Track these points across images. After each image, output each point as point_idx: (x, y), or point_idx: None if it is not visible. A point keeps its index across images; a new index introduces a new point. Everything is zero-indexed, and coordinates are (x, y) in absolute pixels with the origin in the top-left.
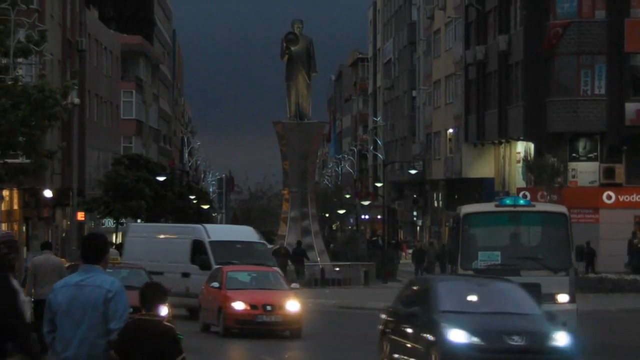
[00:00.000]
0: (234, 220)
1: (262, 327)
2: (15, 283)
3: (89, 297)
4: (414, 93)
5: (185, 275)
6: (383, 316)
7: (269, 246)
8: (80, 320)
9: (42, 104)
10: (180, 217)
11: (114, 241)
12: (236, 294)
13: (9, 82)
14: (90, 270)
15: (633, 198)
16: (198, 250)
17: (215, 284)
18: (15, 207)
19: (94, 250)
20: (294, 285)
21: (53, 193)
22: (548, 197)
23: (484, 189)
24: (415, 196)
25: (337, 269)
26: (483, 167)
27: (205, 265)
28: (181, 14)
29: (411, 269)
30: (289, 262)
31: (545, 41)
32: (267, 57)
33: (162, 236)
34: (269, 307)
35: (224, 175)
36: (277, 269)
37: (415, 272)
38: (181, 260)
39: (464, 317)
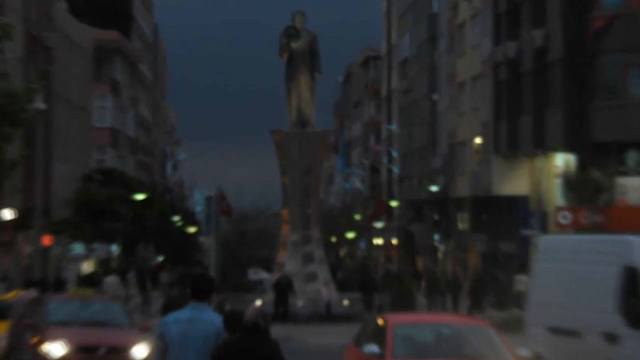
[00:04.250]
0: (226, 246)
1: None
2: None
3: (203, 332)
4: (435, 97)
5: (611, 338)
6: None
7: (267, 276)
8: (196, 350)
9: (7, 109)
10: (162, 242)
11: (84, 270)
12: None
13: None
14: (200, 307)
15: None
16: (634, 286)
17: None
18: None
19: (205, 289)
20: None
21: (14, 214)
22: (592, 219)
23: (517, 209)
24: (436, 217)
25: (346, 302)
26: (516, 183)
27: None
28: (164, 6)
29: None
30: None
31: (588, 37)
32: (263, 56)
33: (578, 258)
34: None
35: (213, 193)
36: None
37: (428, 306)
38: (602, 308)
39: None
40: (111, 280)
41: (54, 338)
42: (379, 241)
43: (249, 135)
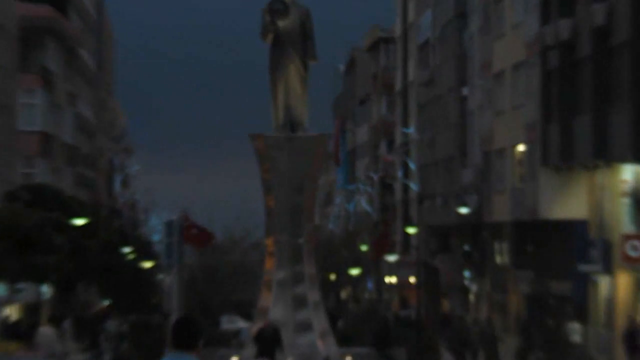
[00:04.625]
0: (192, 286)
1: None
2: None
3: None
4: (465, 91)
5: None
6: None
7: (246, 325)
8: None
9: None
10: (108, 281)
11: (7, 314)
12: None
13: None
14: (182, 357)
15: None
16: None
17: None
18: None
19: (191, 335)
20: None
21: None
22: None
23: (572, 237)
24: (466, 248)
25: (349, 358)
26: (570, 204)
27: None
28: None
29: None
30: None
31: None
32: (240, 40)
33: None
34: None
35: (175, 216)
36: None
37: None
38: None
39: None
40: (45, 331)
41: None
42: (391, 279)
43: (221, 141)
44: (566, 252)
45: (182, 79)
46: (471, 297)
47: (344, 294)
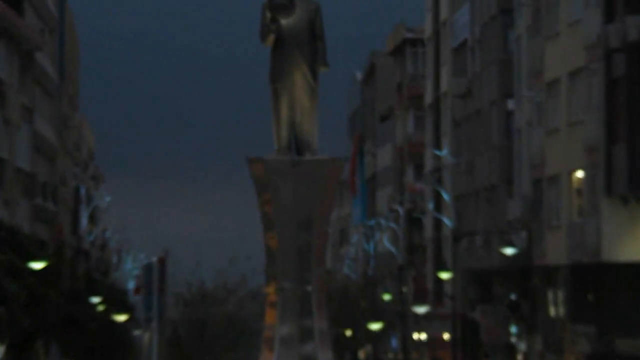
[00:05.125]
0: (175, 343)
1: None
2: None
3: None
4: (510, 104)
5: None
6: None
7: None
8: None
9: None
10: (73, 339)
11: None
12: None
13: None
14: None
15: None
16: None
17: None
18: None
19: None
20: None
21: None
22: None
23: None
24: (513, 297)
25: None
26: None
27: None
28: None
29: None
30: None
31: None
32: (233, 45)
33: None
34: None
35: (155, 258)
36: None
37: None
38: None
39: None
40: None
41: None
42: (421, 336)
43: (211, 167)
44: (636, 302)
45: (168, 92)
46: (519, 358)
47: (362, 354)
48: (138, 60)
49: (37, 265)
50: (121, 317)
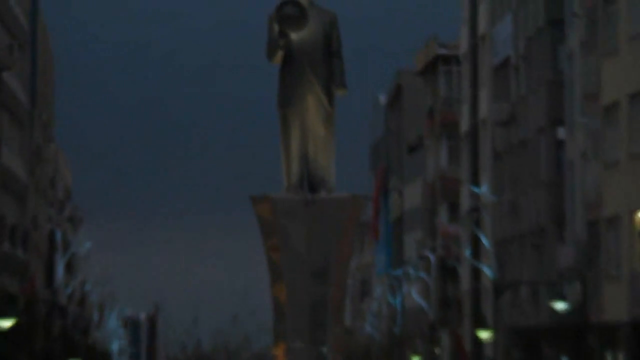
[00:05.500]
0: None
1: None
2: None
3: None
4: (561, 132)
5: None
6: None
7: None
8: None
9: None
10: None
11: None
12: None
13: None
14: None
15: None
16: None
17: None
18: None
19: None
20: None
21: None
22: None
23: None
24: None
25: None
26: None
27: None
28: None
29: None
30: None
31: None
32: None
33: None
34: None
35: (143, 314)
36: None
37: None
38: None
39: None
40: None
41: None
42: None
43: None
44: None
45: (138, 122)
46: None
47: None
48: (125, 83)
49: (5, 323)
50: None
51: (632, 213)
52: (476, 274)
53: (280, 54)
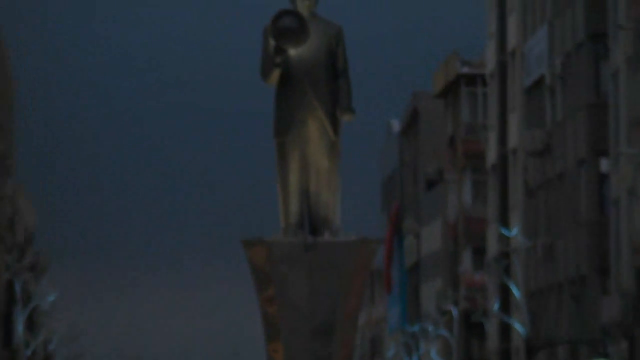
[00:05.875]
0: None
1: None
2: None
3: None
4: (604, 165)
5: None
6: None
7: None
8: None
9: None
10: None
11: None
12: None
13: None
14: None
15: None
16: None
17: None
18: None
19: None
20: None
21: None
22: None
23: None
24: None
25: None
26: None
27: None
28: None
29: None
30: None
31: None
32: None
33: None
34: None
35: None
36: None
37: None
38: None
39: None
40: None
41: None
42: None
43: (194, 251)
44: None
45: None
46: None
47: None
48: (93, 114)
49: None
50: None
51: None
52: (506, 330)
53: (276, 74)
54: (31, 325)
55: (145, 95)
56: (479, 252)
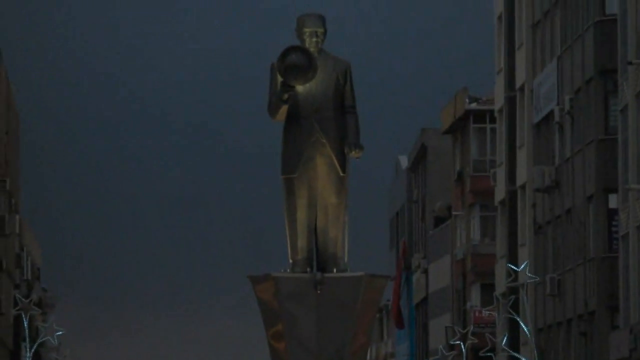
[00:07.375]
0: None
1: None
2: None
3: None
4: (613, 201)
5: None
6: None
7: None
8: None
9: None
10: None
11: None
12: None
13: None
14: None
15: None
16: None
17: None
18: None
19: None
20: None
21: None
22: None
23: None
24: None
25: None
26: None
27: None
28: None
29: None
30: None
31: None
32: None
33: None
34: None
35: None
36: None
37: None
38: None
39: None
40: None
41: None
42: None
43: (203, 286)
44: None
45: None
46: None
47: None
48: (101, 141)
49: None
50: None
51: None
52: None
53: (284, 110)
54: None
55: (151, 135)
56: (488, 288)
